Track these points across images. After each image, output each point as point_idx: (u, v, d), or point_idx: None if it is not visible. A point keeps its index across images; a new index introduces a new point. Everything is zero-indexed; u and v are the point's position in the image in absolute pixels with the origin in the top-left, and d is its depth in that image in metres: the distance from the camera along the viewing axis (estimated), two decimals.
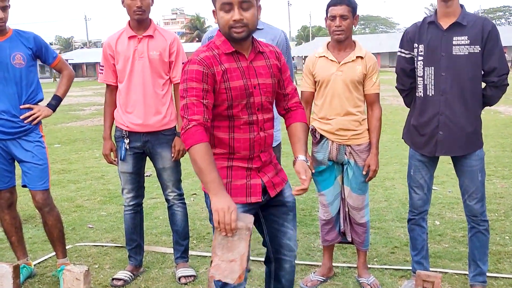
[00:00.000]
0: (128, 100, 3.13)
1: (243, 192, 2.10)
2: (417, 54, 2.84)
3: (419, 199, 2.99)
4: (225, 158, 2.10)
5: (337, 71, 3.00)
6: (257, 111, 2.09)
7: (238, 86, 2.02)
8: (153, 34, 3.12)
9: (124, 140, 3.17)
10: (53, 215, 3.23)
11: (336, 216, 3.21)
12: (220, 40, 2.07)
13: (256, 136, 2.10)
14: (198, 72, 1.96)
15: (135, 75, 3.10)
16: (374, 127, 3.07)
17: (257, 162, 2.13)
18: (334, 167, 3.13)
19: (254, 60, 2.11)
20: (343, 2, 2.92)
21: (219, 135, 2.08)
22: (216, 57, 2.02)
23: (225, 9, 1.98)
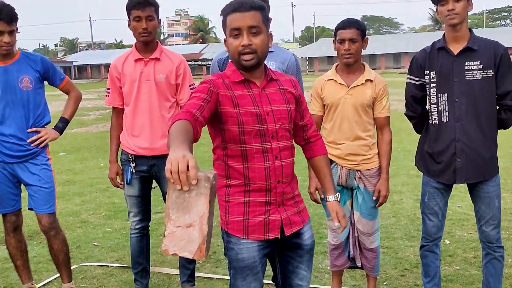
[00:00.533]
0: (135, 123, 3.10)
1: (261, 230, 2.03)
2: (429, 81, 2.79)
3: (433, 226, 2.93)
4: (241, 191, 2.02)
5: (346, 95, 2.95)
6: (272, 139, 2.01)
7: (249, 112, 1.97)
8: (160, 56, 3.09)
9: (130, 164, 3.14)
10: (59, 238, 3.20)
11: (345, 241, 3.17)
12: (230, 70, 2.04)
13: (271, 165, 2.01)
14: (203, 88, 1.92)
15: (142, 98, 3.06)
16: (384, 152, 3.02)
17: (275, 194, 2.04)
18: (343, 192, 3.08)
19: (267, 87, 2.06)
20: (352, 25, 2.88)
21: (233, 165, 2.01)
22: (226, 84, 1.99)
23: (234, 34, 1.94)
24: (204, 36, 78.84)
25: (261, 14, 1.96)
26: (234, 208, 2.03)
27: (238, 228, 2.02)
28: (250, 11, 1.93)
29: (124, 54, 3.17)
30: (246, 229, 2.01)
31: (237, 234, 2.02)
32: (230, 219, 2.04)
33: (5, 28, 2.93)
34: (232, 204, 2.03)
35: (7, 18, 2.91)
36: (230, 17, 1.96)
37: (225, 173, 2.02)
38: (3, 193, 3.13)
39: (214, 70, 3.29)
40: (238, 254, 2.03)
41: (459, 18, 2.64)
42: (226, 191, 2.04)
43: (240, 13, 1.93)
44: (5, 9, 2.91)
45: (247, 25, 1.92)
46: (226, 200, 2.05)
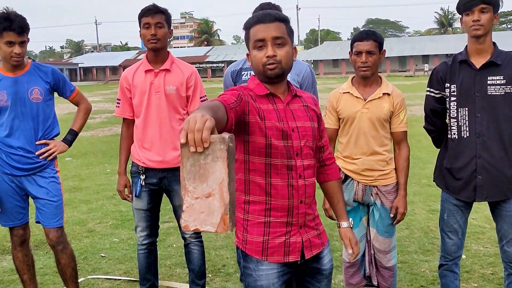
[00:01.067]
0: (145, 135, 3.02)
1: (280, 251, 1.94)
2: (449, 95, 2.71)
3: (453, 245, 2.84)
4: (261, 210, 1.93)
5: (363, 108, 2.87)
6: (296, 156, 1.93)
7: (275, 126, 1.89)
8: (170, 67, 3.01)
9: (140, 176, 3.06)
10: (66, 253, 3.13)
11: (361, 259, 3.07)
12: (254, 83, 1.97)
13: (294, 183, 1.93)
14: (233, 93, 1.79)
15: (152, 110, 2.99)
16: (402, 167, 2.93)
17: (297, 215, 1.95)
18: (359, 208, 2.99)
19: (291, 103, 1.99)
20: (370, 37, 2.80)
21: (255, 179, 1.92)
22: (251, 96, 1.91)
23: (258, 46, 1.89)
24: (209, 38, 78.95)
25: (285, 26, 1.91)
26: (253, 227, 1.94)
27: (257, 249, 1.93)
28: (275, 22, 1.88)
29: (135, 65, 3.10)
30: (266, 251, 1.93)
31: (255, 255, 1.93)
32: (249, 238, 1.95)
33: (16, 39, 2.86)
34: (252, 223, 1.95)
35: (18, 29, 2.85)
36: (254, 29, 1.90)
37: (245, 188, 1.94)
38: (11, 206, 3.06)
39: (227, 83, 3.21)
40: (257, 281, 1.93)
41: (483, 30, 2.55)
42: (245, 208, 1.96)
43: (264, 24, 1.88)
44: (16, 19, 2.85)
45: (271, 36, 1.87)
46: (244, 219, 1.96)
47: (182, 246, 4.37)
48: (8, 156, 2.98)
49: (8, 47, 2.88)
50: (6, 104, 2.94)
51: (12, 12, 2.89)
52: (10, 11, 2.89)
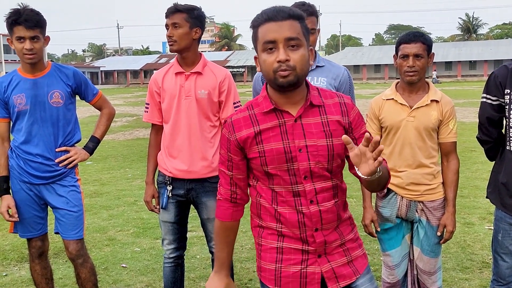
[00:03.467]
0: (173, 143, 2.82)
1: (296, 282, 1.71)
2: (509, 102, 2.44)
3: (508, 268, 2.57)
4: (274, 234, 1.74)
5: (409, 116, 2.63)
6: (305, 180, 1.68)
7: (275, 149, 1.67)
8: (202, 71, 2.80)
9: (166, 187, 2.86)
10: (86, 267, 2.94)
11: (402, 279, 2.83)
12: (262, 96, 1.73)
13: (305, 210, 1.69)
14: (224, 138, 1.78)
15: (181, 116, 2.78)
16: (451, 181, 2.68)
17: (314, 244, 1.71)
18: (402, 224, 2.75)
19: (304, 117, 1.69)
20: (418, 39, 2.56)
21: (264, 204, 1.76)
22: (252, 118, 1.71)
23: (268, 48, 1.60)
24: (230, 43, 79.10)
25: (300, 25, 1.62)
26: (266, 253, 1.77)
27: (270, 277, 1.75)
28: (288, 20, 1.59)
29: (164, 68, 2.90)
30: (279, 280, 1.73)
31: (268, 284, 1.76)
32: (262, 265, 1.79)
33: (25, 34, 2.66)
34: (265, 248, 1.77)
35: (27, 23, 2.64)
36: (263, 28, 1.61)
37: (257, 212, 1.80)
38: (29, 216, 2.89)
39: (257, 87, 2.99)
40: None
41: None
42: (259, 232, 1.81)
43: (275, 23, 1.59)
44: (24, 12, 2.65)
45: (284, 36, 1.57)
46: (259, 243, 1.81)
47: (206, 258, 4.19)
48: (26, 164, 2.81)
49: (19, 43, 2.69)
50: (25, 108, 2.77)
51: (24, 7, 2.70)
52: (23, 7, 2.70)
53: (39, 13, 2.74)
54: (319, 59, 2.83)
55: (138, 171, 8.09)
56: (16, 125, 2.84)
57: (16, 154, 2.83)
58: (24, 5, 2.71)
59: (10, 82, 2.80)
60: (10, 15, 2.67)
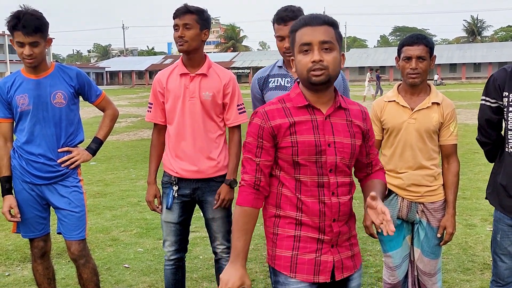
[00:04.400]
0: (178, 144, 2.83)
1: (310, 269, 1.83)
2: (507, 104, 2.45)
3: (507, 269, 2.58)
4: (292, 223, 1.84)
5: (410, 118, 2.64)
6: (330, 173, 1.83)
7: (307, 141, 1.80)
8: (207, 72, 2.81)
9: (172, 187, 2.86)
10: (88, 267, 2.96)
11: (403, 280, 2.84)
12: (295, 92, 1.87)
13: (327, 201, 1.83)
14: (255, 126, 1.84)
15: (186, 117, 2.80)
16: (451, 183, 2.69)
17: (330, 233, 1.84)
18: (403, 226, 2.76)
19: (333, 116, 1.86)
20: (421, 41, 2.57)
21: (286, 193, 1.86)
22: (285, 110, 1.84)
23: (304, 50, 1.78)
24: (235, 44, 79.18)
25: (334, 30, 1.81)
26: (282, 241, 1.86)
27: (286, 264, 1.84)
28: (323, 26, 1.78)
29: (169, 68, 2.91)
30: (294, 266, 1.83)
31: (283, 271, 1.84)
32: (277, 253, 1.86)
33: (24, 40, 2.65)
34: (281, 237, 1.86)
35: (25, 30, 2.62)
36: (300, 32, 1.80)
37: (276, 202, 1.88)
38: (31, 216, 2.91)
39: (254, 90, 3.01)
40: None
41: None
42: (275, 221, 1.88)
43: (311, 27, 1.78)
44: (24, 17, 2.62)
45: (318, 40, 1.76)
46: (274, 232, 1.88)
47: (209, 258, 4.20)
48: (28, 164, 2.83)
49: (19, 47, 2.70)
50: (28, 109, 2.79)
51: (25, 10, 2.67)
52: (25, 9, 2.67)
53: (40, 17, 2.70)
54: None
55: (142, 172, 8.11)
56: (18, 125, 2.86)
57: (18, 154, 2.85)
58: (26, 7, 2.69)
59: (14, 83, 2.82)
60: (10, 19, 2.65)
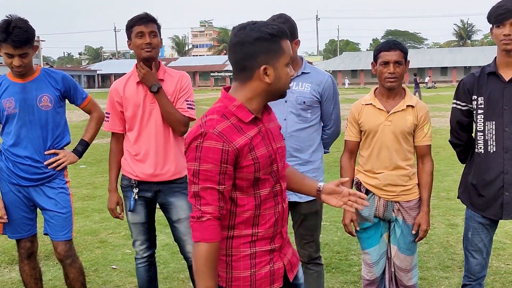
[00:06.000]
0: (139, 148, 2.89)
1: (267, 282, 1.83)
2: (476, 107, 2.59)
3: (477, 264, 2.70)
4: (247, 243, 1.79)
5: (386, 121, 2.75)
6: (280, 180, 1.85)
7: (264, 154, 1.76)
8: (163, 77, 2.89)
9: (133, 190, 2.92)
10: (75, 267, 3.03)
11: (381, 276, 2.94)
12: (234, 105, 1.75)
13: (280, 209, 1.85)
14: (215, 151, 1.65)
15: (147, 123, 2.86)
16: (425, 183, 2.80)
17: (279, 239, 1.86)
18: (380, 224, 2.87)
19: (268, 122, 1.84)
20: (397, 47, 2.69)
21: (242, 213, 1.77)
22: (236, 127, 1.71)
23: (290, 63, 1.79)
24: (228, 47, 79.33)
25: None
26: (239, 262, 1.79)
27: (245, 284, 1.79)
28: None
29: (124, 77, 2.97)
30: (254, 284, 1.80)
31: None
32: (235, 275, 1.79)
33: (13, 52, 2.71)
34: (237, 257, 1.79)
35: (14, 43, 2.68)
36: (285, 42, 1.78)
37: (229, 223, 1.78)
38: (18, 217, 2.97)
39: None
40: None
41: None
42: (227, 243, 1.79)
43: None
44: (13, 31, 2.66)
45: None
46: (227, 254, 1.79)
47: None
48: (15, 166, 2.90)
49: (7, 58, 2.76)
50: (14, 112, 2.86)
51: (14, 21, 2.69)
52: (13, 20, 2.70)
53: (28, 28, 2.73)
54: (305, 66, 2.93)
55: None
56: (5, 128, 2.93)
57: (5, 157, 2.92)
58: (13, 17, 2.72)
59: (0, 87, 2.89)
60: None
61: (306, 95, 2.85)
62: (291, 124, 2.83)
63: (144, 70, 2.79)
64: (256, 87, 1.75)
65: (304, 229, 2.97)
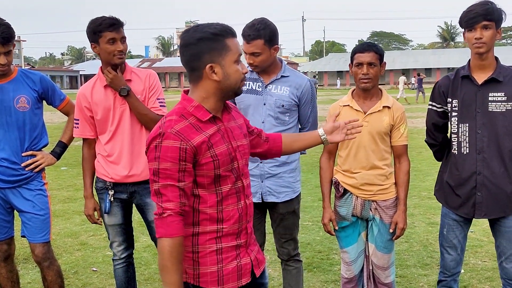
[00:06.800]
0: (112, 149, 2.88)
1: (234, 277, 1.87)
2: (451, 110, 2.67)
3: (452, 260, 2.77)
4: (212, 238, 1.84)
5: (363, 121, 2.77)
6: (242, 177, 1.90)
7: (223, 152, 1.82)
8: (131, 77, 2.88)
9: (108, 192, 2.91)
10: (53, 269, 3.01)
11: (359, 274, 2.99)
12: (192, 106, 1.81)
13: (243, 205, 1.90)
14: (173, 149, 1.71)
15: (119, 124, 2.86)
16: (402, 182, 2.85)
17: (244, 235, 1.92)
18: (358, 222, 2.91)
19: (228, 121, 1.91)
20: (371, 48, 2.73)
21: (205, 209, 1.82)
22: (194, 126, 1.78)
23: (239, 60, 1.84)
24: None
25: None
26: (205, 258, 1.84)
27: (212, 279, 1.84)
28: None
29: (90, 81, 2.95)
30: (221, 279, 1.84)
31: (211, 286, 1.84)
32: (202, 271, 1.84)
33: (0, 50, 2.72)
34: (203, 254, 1.84)
35: (3, 39, 2.69)
36: (233, 41, 1.85)
37: (193, 220, 1.83)
38: None
39: None
40: None
41: (486, 47, 2.51)
42: (193, 240, 1.83)
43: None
44: (0, 29, 2.68)
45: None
46: (194, 251, 1.84)
47: None
48: None
49: None
50: None
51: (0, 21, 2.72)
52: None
53: (9, 24, 2.76)
54: (285, 69, 2.95)
55: None
56: None
57: None
58: None
59: None
60: None
61: (285, 98, 2.88)
62: (269, 126, 2.85)
63: (111, 74, 2.79)
64: (208, 86, 1.81)
65: (283, 228, 3.00)
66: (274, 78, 2.90)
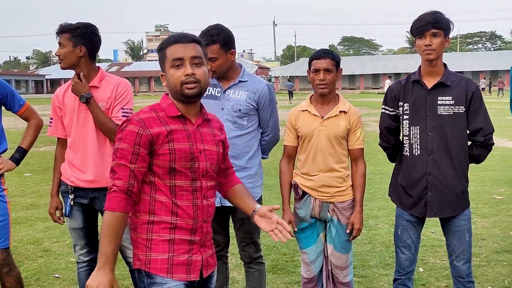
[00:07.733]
0: (75, 154, 2.90)
1: (183, 269, 1.97)
2: (402, 113, 2.79)
3: (406, 259, 2.88)
4: (166, 228, 1.95)
5: (320, 126, 2.87)
6: (202, 178, 2.01)
7: (183, 149, 1.95)
8: (99, 84, 2.90)
9: (69, 196, 2.93)
10: (12, 276, 2.97)
11: (318, 275, 3.07)
12: (166, 103, 2.01)
13: (199, 204, 2.00)
14: (131, 133, 1.90)
15: (82, 129, 2.88)
16: (358, 184, 2.94)
17: (200, 234, 2.01)
18: (316, 224, 2.99)
19: (201, 126, 2.05)
20: (327, 55, 2.83)
21: (161, 199, 1.96)
22: (160, 119, 1.96)
23: (176, 65, 1.94)
24: None
25: (201, 47, 2.00)
26: (158, 245, 1.95)
27: (163, 266, 1.94)
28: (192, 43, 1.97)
29: (66, 84, 2.99)
30: (171, 268, 1.94)
31: (160, 273, 1.94)
32: (153, 257, 1.95)
33: None
34: (156, 241, 1.95)
35: None
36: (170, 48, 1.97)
37: (149, 208, 1.96)
38: None
39: None
40: None
41: (435, 54, 2.64)
42: (148, 227, 1.96)
43: (182, 44, 1.96)
44: None
45: (189, 55, 1.94)
46: (147, 238, 1.96)
47: None
48: None
49: None
50: None
51: None
52: None
53: None
54: (243, 74, 3.00)
55: None
56: None
57: None
58: None
59: None
60: None
61: (242, 102, 2.93)
62: (227, 131, 2.87)
63: (73, 81, 2.86)
64: (169, 91, 2.02)
65: (243, 233, 3.06)
66: (232, 83, 2.96)
